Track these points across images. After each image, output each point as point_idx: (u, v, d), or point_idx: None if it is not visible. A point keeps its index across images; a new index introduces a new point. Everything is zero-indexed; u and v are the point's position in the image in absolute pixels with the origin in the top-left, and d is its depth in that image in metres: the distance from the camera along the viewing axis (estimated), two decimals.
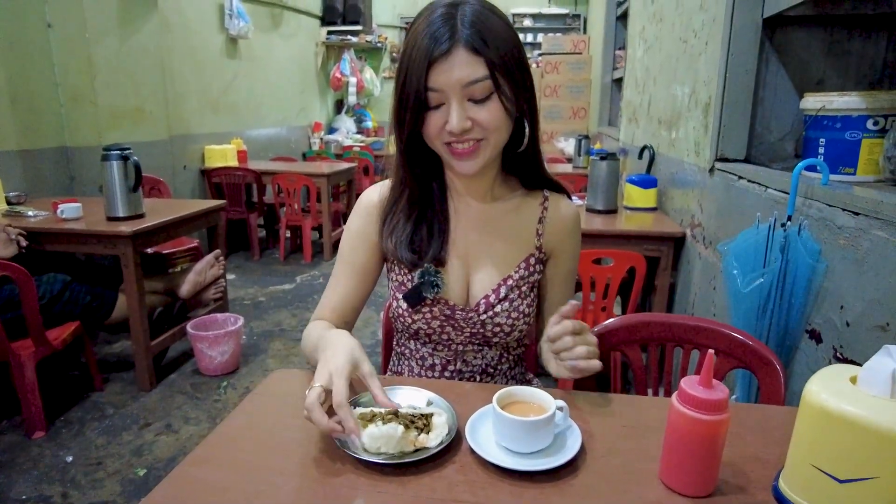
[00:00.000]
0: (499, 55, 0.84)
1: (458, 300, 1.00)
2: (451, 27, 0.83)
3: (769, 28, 1.67)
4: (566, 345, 0.81)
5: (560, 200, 1.05)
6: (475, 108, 0.86)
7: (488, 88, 0.85)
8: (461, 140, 0.88)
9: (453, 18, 0.84)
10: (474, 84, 0.84)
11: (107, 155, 2.40)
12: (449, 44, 0.82)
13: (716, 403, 0.65)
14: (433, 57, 0.82)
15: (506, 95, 0.86)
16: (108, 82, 3.46)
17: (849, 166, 1.38)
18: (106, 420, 2.27)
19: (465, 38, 0.83)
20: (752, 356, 1.06)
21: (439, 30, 0.83)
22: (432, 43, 0.83)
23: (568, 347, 0.81)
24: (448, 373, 1.05)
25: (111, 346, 2.98)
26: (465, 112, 0.85)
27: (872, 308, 0.99)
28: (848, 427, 0.59)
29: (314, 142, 6.58)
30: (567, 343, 0.81)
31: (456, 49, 0.83)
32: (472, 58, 0.83)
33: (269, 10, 5.60)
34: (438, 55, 0.82)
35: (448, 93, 0.84)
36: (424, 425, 0.75)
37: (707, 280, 1.90)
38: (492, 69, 0.84)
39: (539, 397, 0.77)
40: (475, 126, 0.87)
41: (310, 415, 0.71)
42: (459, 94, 0.84)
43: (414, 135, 0.90)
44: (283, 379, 0.97)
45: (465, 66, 0.83)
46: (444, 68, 0.83)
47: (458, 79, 0.83)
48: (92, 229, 2.35)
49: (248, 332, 3.17)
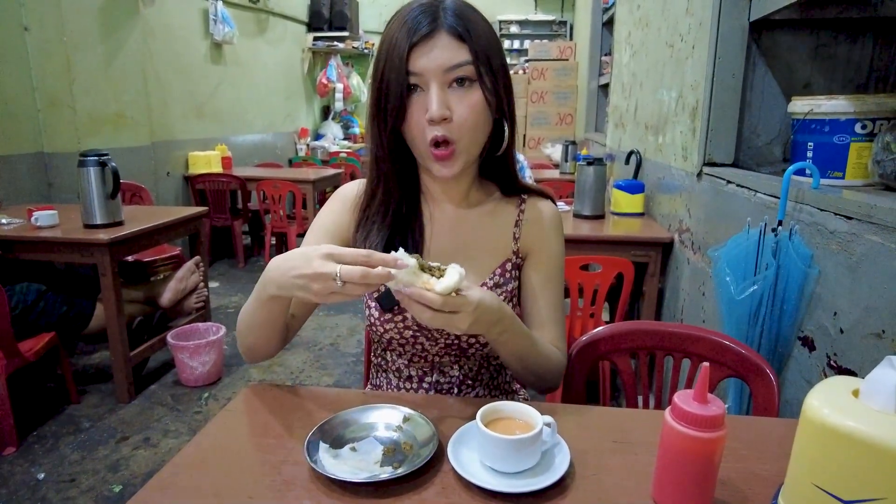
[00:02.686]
0: (481, 45, 0.81)
1: None
2: (434, 14, 0.81)
3: (756, 31, 1.66)
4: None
5: (538, 201, 1.00)
6: (456, 97, 0.82)
7: (470, 73, 0.81)
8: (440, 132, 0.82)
9: (436, 8, 0.82)
10: (456, 68, 0.80)
11: (84, 161, 2.34)
12: (431, 27, 0.80)
13: (711, 420, 0.62)
14: (413, 40, 0.79)
15: (487, 87, 0.83)
16: (88, 87, 3.38)
17: (837, 170, 1.36)
18: (81, 434, 2.19)
19: (449, 23, 0.80)
20: (746, 365, 1.03)
21: (420, 16, 0.80)
22: (414, 26, 0.80)
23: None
24: (426, 385, 1.00)
25: (90, 356, 2.89)
26: (446, 99, 0.81)
27: (867, 315, 0.96)
28: (852, 444, 0.55)
29: (300, 148, 6.52)
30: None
31: (439, 32, 0.80)
32: (455, 42, 0.80)
33: (254, 16, 5.55)
34: (418, 39, 0.79)
35: (428, 77, 0.81)
36: (439, 276, 0.72)
37: (696, 286, 1.88)
38: (474, 55, 0.81)
39: (525, 413, 0.73)
40: (454, 120, 0.82)
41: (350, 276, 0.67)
42: (441, 78, 0.81)
43: (392, 133, 0.86)
44: (257, 394, 0.93)
45: (448, 49, 0.80)
46: (424, 51, 0.80)
47: (440, 62, 0.80)
48: (68, 237, 2.29)
49: (230, 342, 3.09)
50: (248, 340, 0.91)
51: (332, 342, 3.13)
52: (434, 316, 0.71)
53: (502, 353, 0.87)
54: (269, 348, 0.92)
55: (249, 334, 0.90)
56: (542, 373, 0.92)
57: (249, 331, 0.89)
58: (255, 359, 0.94)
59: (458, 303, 0.71)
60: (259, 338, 0.89)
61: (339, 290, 0.69)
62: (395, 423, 0.79)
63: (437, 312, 0.71)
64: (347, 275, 0.68)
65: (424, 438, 0.75)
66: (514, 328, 0.83)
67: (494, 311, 0.77)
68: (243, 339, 0.92)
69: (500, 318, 0.79)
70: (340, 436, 0.78)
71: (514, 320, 0.83)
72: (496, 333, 0.81)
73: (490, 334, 0.81)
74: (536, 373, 0.91)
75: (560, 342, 0.96)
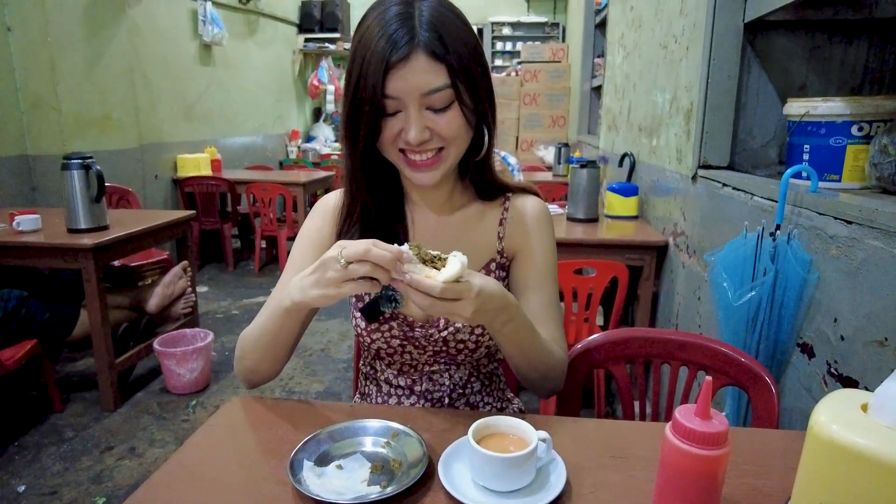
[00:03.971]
0: (459, 59, 0.78)
1: (418, 316, 0.92)
2: (410, 28, 0.76)
3: (750, 33, 1.64)
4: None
5: (522, 198, 0.97)
6: (434, 117, 0.79)
7: (449, 97, 0.79)
8: (420, 151, 0.81)
9: (411, 19, 0.77)
10: (434, 93, 0.77)
11: (67, 164, 2.29)
12: (408, 48, 0.75)
13: (714, 437, 0.58)
14: (391, 62, 0.75)
15: (466, 104, 0.80)
16: (73, 88, 3.33)
17: (834, 173, 1.35)
18: (64, 444, 2.14)
19: (425, 41, 0.76)
20: (745, 373, 1.01)
21: (397, 32, 0.76)
22: (389, 46, 0.75)
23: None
24: (416, 394, 0.97)
25: (74, 363, 2.83)
26: (424, 121, 0.79)
27: (869, 322, 0.94)
28: (863, 462, 0.52)
29: (291, 150, 6.47)
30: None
31: (415, 54, 0.76)
32: (433, 64, 0.76)
33: (244, 17, 5.50)
34: (396, 60, 0.75)
35: (406, 100, 0.78)
36: (441, 266, 0.70)
37: (691, 290, 1.86)
38: (452, 76, 0.77)
39: (519, 428, 0.70)
40: (434, 136, 0.80)
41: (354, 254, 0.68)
42: (418, 102, 0.78)
43: (368, 145, 0.83)
44: (240, 408, 0.89)
45: (425, 73, 0.76)
46: (401, 74, 0.76)
47: (418, 86, 0.77)
48: (51, 242, 2.23)
49: (219, 348, 3.05)
50: (252, 362, 0.89)
51: (322, 348, 3.09)
52: (433, 303, 0.68)
53: (506, 346, 0.83)
54: (273, 369, 0.91)
55: (255, 354, 0.88)
56: (545, 370, 0.88)
57: (255, 350, 0.88)
58: (257, 381, 0.92)
59: (459, 289, 0.68)
60: (265, 358, 0.88)
61: (344, 271, 0.69)
62: (383, 439, 0.76)
63: (438, 300, 0.68)
64: (350, 254, 0.68)
65: (414, 455, 0.72)
66: (518, 317, 0.80)
67: (498, 298, 0.74)
68: (247, 360, 0.90)
69: (504, 304, 0.76)
70: (326, 452, 0.74)
71: (518, 309, 0.80)
72: (501, 323, 0.77)
73: (495, 324, 0.77)
74: (540, 370, 0.87)
75: (560, 340, 0.93)
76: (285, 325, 0.83)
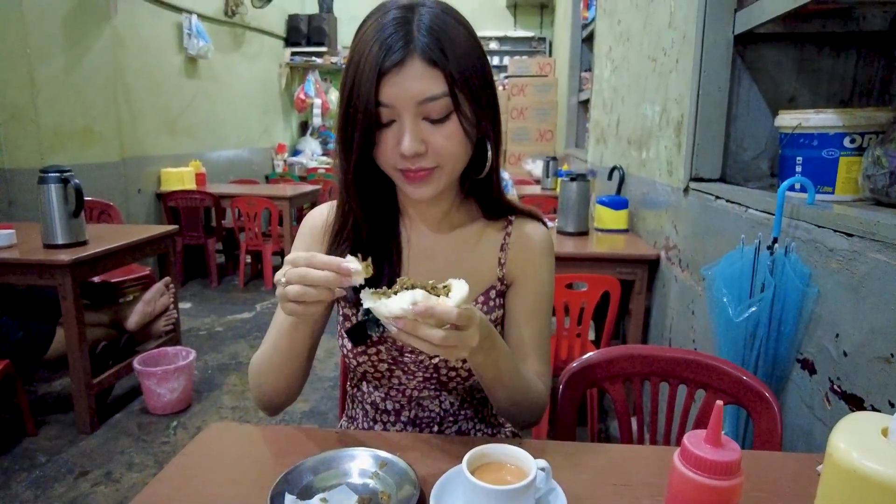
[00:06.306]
0: (459, 68, 0.73)
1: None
2: (406, 33, 0.71)
3: (740, 45, 1.64)
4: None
5: (526, 223, 0.92)
6: (431, 129, 0.74)
7: (446, 107, 0.73)
8: (413, 166, 0.76)
9: (409, 24, 0.72)
10: (430, 101, 0.72)
11: (44, 177, 2.21)
12: (403, 53, 0.71)
13: (727, 466, 0.55)
14: (384, 67, 0.70)
15: (465, 116, 0.75)
16: (53, 100, 3.26)
17: (827, 185, 1.33)
18: (36, 470, 2.04)
19: (422, 46, 0.71)
20: (747, 392, 0.97)
21: (392, 36, 0.71)
22: (384, 51, 0.71)
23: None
24: (403, 420, 0.92)
25: (50, 384, 2.73)
26: (420, 132, 0.74)
27: (873, 337, 0.91)
28: (885, 492, 0.49)
29: (278, 164, 6.42)
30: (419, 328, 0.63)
31: (411, 59, 0.71)
32: (429, 70, 0.71)
33: (230, 30, 5.47)
34: (390, 65, 0.70)
35: (400, 109, 0.73)
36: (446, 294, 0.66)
37: (685, 304, 1.83)
38: (451, 84, 0.72)
39: (516, 457, 0.65)
40: (430, 152, 0.75)
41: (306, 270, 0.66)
42: (413, 111, 0.73)
43: (363, 155, 0.78)
44: (217, 435, 0.83)
45: (421, 80, 0.71)
46: (396, 80, 0.71)
47: (413, 94, 0.71)
48: (25, 258, 2.15)
49: (201, 366, 2.96)
50: (270, 385, 0.86)
51: None
52: (447, 336, 0.62)
53: (486, 374, 0.77)
54: (292, 388, 0.88)
55: (270, 376, 0.85)
56: (525, 404, 0.83)
57: (270, 372, 0.85)
58: (279, 403, 0.89)
59: (468, 315, 0.64)
60: (280, 377, 0.85)
61: (283, 290, 0.67)
62: (370, 469, 0.71)
63: (448, 332, 0.63)
64: (290, 275, 0.67)
65: (404, 487, 0.67)
66: (500, 343, 0.76)
67: (486, 325, 0.70)
68: (265, 385, 0.87)
69: (490, 329, 0.72)
70: (309, 484, 0.69)
71: (499, 336, 0.76)
72: (487, 349, 0.72)
73: (482, 351, 0.72)
74: (518, 402, 0.82)
75: (544, 376, 0.88)
76: (295, 339, 0.81)
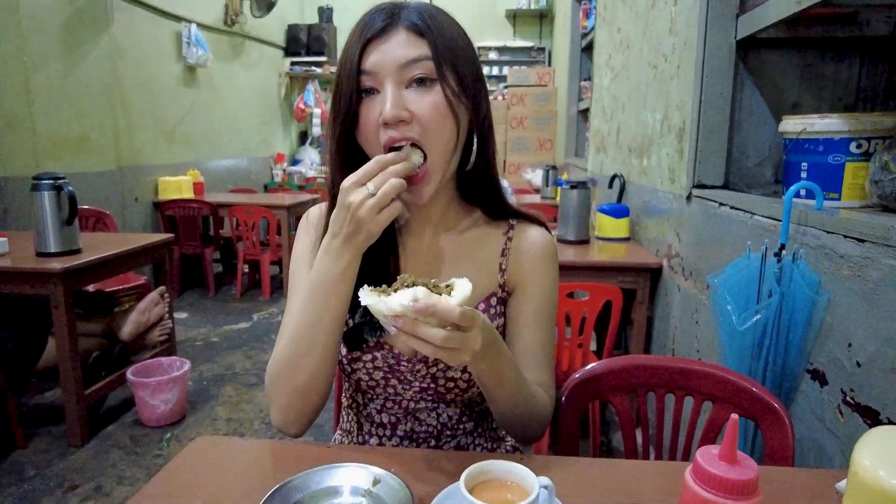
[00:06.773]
0: (444, 42, 0.73)
1: (405, 348, 0.82)
2: (391, 10, 0.74)
3: (742, 50, 1.61)
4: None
5: (528, 228, 0.89)
6: (415, 97, 0.73)
7: (429, 70, 0.72)
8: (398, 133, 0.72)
9: (395, 6, 0.75)
10: (413, 63, 0.71)
11: (37, 185, 2.19)
12: (386, 22, 0.72)
13: (744, 485, 0.51)
14: (368, 36, 0.72)
15: (451, 88, 0.73)
16: (49, 108, 3.24)
17: (833, 191, 1.30)
18: (24, 484, 1.99)
19: (408, 18, 0.73)
20: (756, 404, 0.93)
21: (377, 13, 0.74)
22: (369, 24, 0.73)
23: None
24: (399, 433, 0.88)
25: (42, 395, 2.68)
26: (402, 99, 0.72)
27: (888, 347, 0.87)
28: None
29: (276, 173, 6.40)
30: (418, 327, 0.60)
31: (395, 27, 0.73)
32: (413, 38, 0.72)
33: (229, 40, 5.47)
34: (373, 35, 0.72)
35: (383, 75, 0.72)
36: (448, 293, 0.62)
37: (688, 314, 1.79)
38: (435, 52, 0.72)
39: (517, 474, 0.62)
40: (414, 120, 0.72)
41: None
42: (396, 76, 0.72)
43: (346, 142, 0.76)
44: (203, 450, 0.80)
45: (404, 46, 0.72)
46: (380, 48, 0.72)
47: (395, 57, 0.72)
48: (16, 266, 2.12)
49: (196, 377, 2.92)
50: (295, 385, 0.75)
51: None
52: (448, 336, 0.59)
53: (490, 382, 0.73)
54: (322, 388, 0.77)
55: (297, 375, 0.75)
56: (529, 416, 0.79)
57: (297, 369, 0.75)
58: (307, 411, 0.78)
59: (471, 315, 0.60)
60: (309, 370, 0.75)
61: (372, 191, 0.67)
62: (363, 487, 0.67)
63: (450, 333, 0.59)
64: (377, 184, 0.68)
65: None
66: (505, 350, 0.73)
67: (490, 330, 0.67)
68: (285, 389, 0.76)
69: (494, 335, 0.69)
70: (299, 503, 0.65)
71: (504, 344, 0.73)
72: (492, 356, 0.69)
73: (486, 357, 0.68)
74: (521, 414, 0.78)
75: (548, 387, 0.84)
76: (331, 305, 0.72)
